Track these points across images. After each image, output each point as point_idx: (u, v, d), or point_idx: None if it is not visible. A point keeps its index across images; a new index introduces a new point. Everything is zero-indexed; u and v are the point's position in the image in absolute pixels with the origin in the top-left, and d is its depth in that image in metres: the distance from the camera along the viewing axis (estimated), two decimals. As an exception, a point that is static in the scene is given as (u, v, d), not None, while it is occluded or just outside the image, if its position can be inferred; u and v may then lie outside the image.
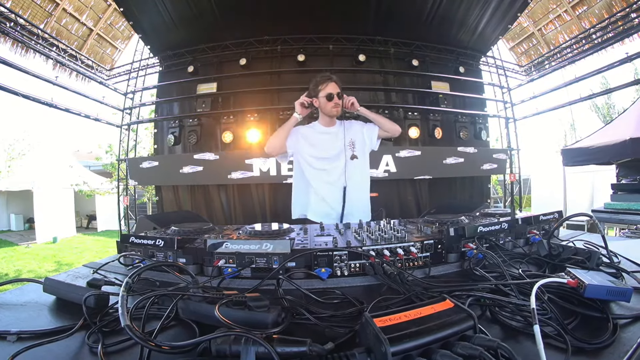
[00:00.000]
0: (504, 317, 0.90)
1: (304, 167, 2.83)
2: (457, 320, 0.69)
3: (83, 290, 1.04)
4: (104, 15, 9.71)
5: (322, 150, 2.79)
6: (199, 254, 1.36)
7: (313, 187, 2.77)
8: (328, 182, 2.75)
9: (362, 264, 1.30)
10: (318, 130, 2.88)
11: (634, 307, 0.95)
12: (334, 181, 2.75)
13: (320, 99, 2.74)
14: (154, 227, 2.00)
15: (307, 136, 2.83)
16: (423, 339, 0.64)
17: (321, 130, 2.87)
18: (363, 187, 2.88)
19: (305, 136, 2.82)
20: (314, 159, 2.79)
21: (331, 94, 2.69)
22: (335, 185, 2.74)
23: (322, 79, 2.74)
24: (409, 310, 0.72)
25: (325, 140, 2.81)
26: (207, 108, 7.88)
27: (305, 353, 0.67)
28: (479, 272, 1.20)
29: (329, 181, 2.75)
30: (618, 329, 0.83)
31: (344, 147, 2.76)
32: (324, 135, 2.84)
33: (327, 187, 2.75)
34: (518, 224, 1.69)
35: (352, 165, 2.75)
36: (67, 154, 20.27)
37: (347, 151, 2.76)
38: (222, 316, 0.75)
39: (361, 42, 8.16)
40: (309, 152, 2.79)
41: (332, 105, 2.72)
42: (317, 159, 2.79)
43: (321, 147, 2.80)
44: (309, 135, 2.83)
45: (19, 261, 10.29)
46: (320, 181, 2.77)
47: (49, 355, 0.78)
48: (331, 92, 2.69)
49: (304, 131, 2.85)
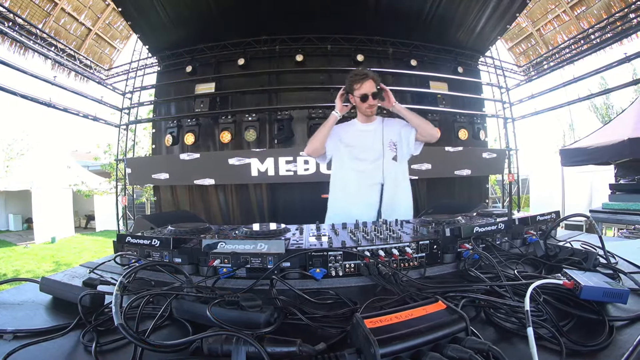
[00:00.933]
0: (499, 318, 0.88)
1: (342, 167, 2.75)
2: (448, 322, 0.69)
3: (79, 289, 1.05)
4: (103, 15, 9.69)
5: (361, 150, 2.70)
6: (195, 254, 1.35)
7: (351, 187, 2.69)
8: (367, 184, 2.66)
9: (357, 264, 1.29)
10: (357, 127, 2.78)
11: (631, 309, 0.94)
12: (373, 182, 2.65)
13: (355, 98, 2.62)
14: (151, 227, 1.99)
15: (346, 136, 2.74)
16: (413, 341, 0.63)
17: (360, 128, 2.77)
18: (402, 186, 2.78)
19: (344, 136, 2.74)
20: (353, 160, 2.70)
21: (366, 95, 2.55)
22: (373, 185, 2.65)
23: (357, 77, 2.58)
24: (400, 312, 0.72)
25: (364, 139, 2.71)
26: (205, 108, 7.88)
27: (295, 353, 0.67)
28: (473, 273, 1.20)
29: (368, 182, 2.66)
30: (614, 331, 0.82)
31: (382, 146, 2.67)
32: (362, 133, 2.74)
33: (366, 187, 2.66)
34: (515, 225, 1.67)
35: (391, 165, 2.67)
36: (66, 154, 20.27)
37: (386, 151, 2.67)
38: (214, 316, 0.75)
39: (359, 42, 8.18)
40: (348, 153, 2.71)
41: (366, 107, 2.61)
42: (356, 159, 2.70)
43: (360, 146, 2.70)
44: (347, 134, 2.75)
45: (17, 261, 10.25)
46: (358, 181, 2.68)
47: (44, 353, 0.79)
48: (366, 92, 2.55)
49: (342, 131, 2.77)
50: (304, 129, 7.84)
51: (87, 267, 1.50)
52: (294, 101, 7.86)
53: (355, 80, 2.58)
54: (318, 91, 7.97)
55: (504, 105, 9.74)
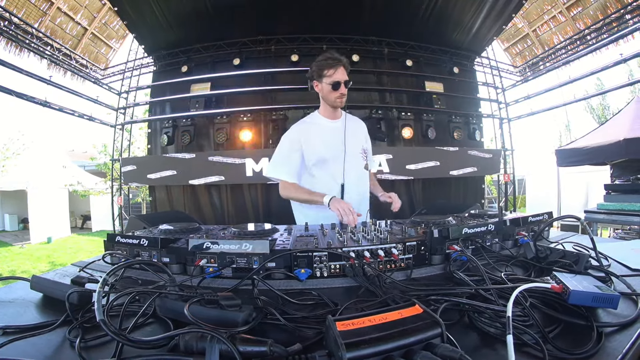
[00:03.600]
0: (482, 323, 0.86)
1: (306, 170, 2.51)
2: (423, 327, 0.66)
3: (67, 287, 1.07)
4: (99, 15, 9.66)
5: (326, 148, 2.44)
6: (182, 254, 1.37)
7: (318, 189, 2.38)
8: (333, 183, 2.45)
9: (342, 265, 1.28)
10: (324, 124, 2.52)
11: (622, 314, 0.91)
12: (336, 183, 2.44)
13: (324, 85, 2.36)
14: (144, 226, 2.00)
15: (310, 136, 2.45)
16: (383, 345, 0.61)
17: (328, 125, 2.52)
18: (361, 182, 2.57)
19: (309, 140, 2.44)
20: (319, 161, 2.45)
21: (338, 82, 2.29)
22: (335, 186, 2.44)
23: (329, 62, 2.30)
24: (375, 315, 0.70)
25: (329, 136, 2.47)
26: (201, 108, 7.87)
27: (265, 353, 0.68)
28: (458, 276, 1.18)
29: (332, 183, 2.44)
30: (603, 338, 0.79)
31: (343, 142, 2.43)
32: (331, 131, 2.49)
33: (329, 186, 2.42)
34: (506, 226, 1.65)
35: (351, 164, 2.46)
36: (62, 154, 20.18)
37: (356, 153, 2.50)
38: (191, 314, 0.76)
39: (355, 42, 8.18)
40: (313, 155, 2.44)
41: (336, 96, 2.35)
42: (322, 160, 2.44)
43: (325, 144, 2.44)
44: (312, 135, 2.46)
45: (13, 261, 10.19)
46: (325, 182, 2.45)
47: (32, 348, 0.81)
48: (339, 80, 2.29)
49: (305, 137, 2.46)
50: (299, 129, 7.78)
51: (78, 266, 1.52)
52: (289, 101, 7.84)
53: (326, 65, 2.32)
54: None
55: (500, 105, 9.76)
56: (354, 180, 2.49)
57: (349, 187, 2.46)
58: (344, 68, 2.34)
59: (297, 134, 2.48)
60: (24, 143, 17.04)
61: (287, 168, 2.44)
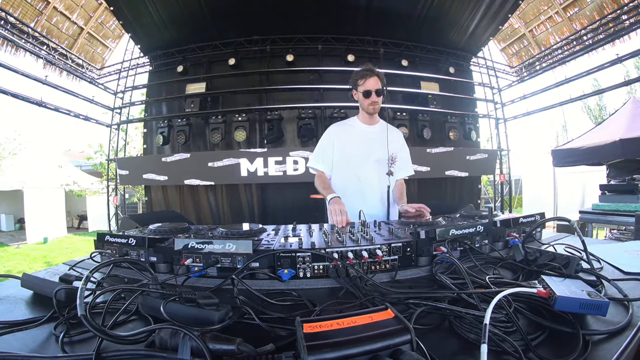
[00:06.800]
0: (463, 329, 0.83)
1: (341, 172, 2.72)
2: (392, 332, 0.64)
3: (55, 284, 1.12)
4: (95, 14, 9.63)
5: (352, 148, 2.68)
6: (169, 253, 1.38)
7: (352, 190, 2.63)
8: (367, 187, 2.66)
9: (325, 266, 1.27)
10: (359, 129, 2.74)
11: (611, 321, 0.86)
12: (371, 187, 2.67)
13: (359, 93, 2.59)
14: (136, 226, 2.01)
15: (344, 138, 2.71)
16: (347, 350, 0.60)
17: (363, 129, 2.73)
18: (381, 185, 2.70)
19: (343, 141, 2.70)
20: (343, 157, 2.69)
21: (369, 91, 2.53)
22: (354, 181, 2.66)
23: (362, 73, 2.55)
24: (344, 318, 0.68)
25: (360, 139, 2.69)
26: (196, 108, 7.85)
27: (233, 351, 0.68)
28: (439, 278, 1.16)
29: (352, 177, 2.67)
30: (590, 346, 0.75)
31: (386, 150, 2.63)
32: (363, 134, 2.71)
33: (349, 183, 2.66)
34: (496, 227, 1.63)
35: (374, 167, 2.66)
36: (59, 154, 20.16)
37: (376, 154, 2.66)
38: (168, 312, 0.80)
39: (350, 42, 8.18)
40: (346, 157, 2.68)
41: (369, 103, 2.57)
42: (346, 157, 2.69)
43: (353, 145, 2.68)
44: (346, 137, 2.71)
45: (9, 262, 10.13)
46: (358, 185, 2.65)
47: (19, 343, 0.85)
48: (369, 88, 2.52)
49: (338, 137, 2.72)
50: (293, 129, 7.86)
51: (68, 264, 1.55)
52: (284, 101, 7.85)
53: (360, 76, 2.56)
54: (308, 91, 7.97)
55: (496, 105, 9.75)
56: (374, 183, 2.68)
57: (368, 189, 2.67)
58: (378, 78, 2.54)
59: (333, 132, 2.77)
60: (20, 143, 17.00)
61: (322, 159, 2.74)
